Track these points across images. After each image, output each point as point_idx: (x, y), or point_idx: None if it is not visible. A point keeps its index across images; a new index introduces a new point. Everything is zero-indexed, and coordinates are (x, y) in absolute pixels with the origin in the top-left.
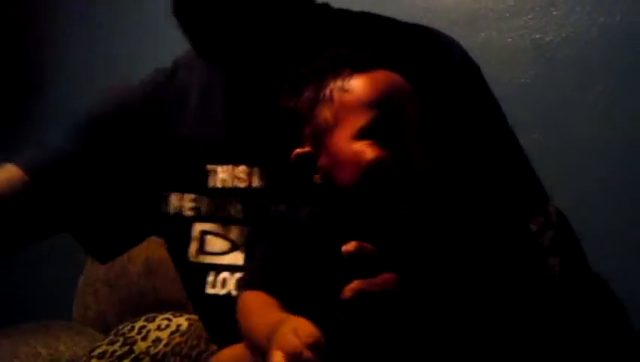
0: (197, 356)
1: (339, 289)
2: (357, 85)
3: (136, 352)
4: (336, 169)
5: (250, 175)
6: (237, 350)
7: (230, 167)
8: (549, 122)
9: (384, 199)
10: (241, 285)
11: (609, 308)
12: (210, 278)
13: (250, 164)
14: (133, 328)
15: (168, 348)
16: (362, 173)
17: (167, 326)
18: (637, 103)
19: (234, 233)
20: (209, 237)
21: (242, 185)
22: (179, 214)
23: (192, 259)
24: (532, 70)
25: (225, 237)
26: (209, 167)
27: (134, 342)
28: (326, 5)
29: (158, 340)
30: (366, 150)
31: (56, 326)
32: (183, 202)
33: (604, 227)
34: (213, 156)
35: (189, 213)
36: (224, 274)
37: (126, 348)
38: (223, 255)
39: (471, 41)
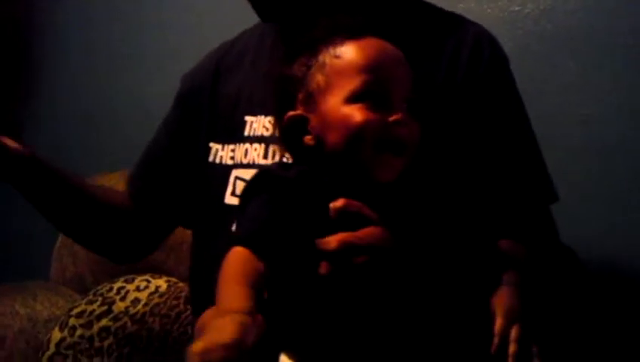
0: (176, 316)
1: (322, 243)
2: (348, 51)
3: (115, 312)
4: (327, 131)
5: (275, 125)
6: None
7: (262, 117)
8: (526, 95)
9: (371, 161)
10: (230, 239)
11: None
12: None
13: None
14: (111, 289)
15: (147, 308)
16: (351, 134)
17: (146, 287)
18: (614, 76)
19: None
20: (239, 182)
21: (267, 133)
22: (222, 163)
23: (226, 201)
24: (510, 42)
25: (245, 180)
26: (246, 118)
27: (113, 302)
28: None
29: (136, 300)
30: (355, 113)
31: (33, 286)
32: (225, 152)
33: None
34: (251, 108)
35: (230, 162)
36: None
37: (105, 308)
38: None
39: None
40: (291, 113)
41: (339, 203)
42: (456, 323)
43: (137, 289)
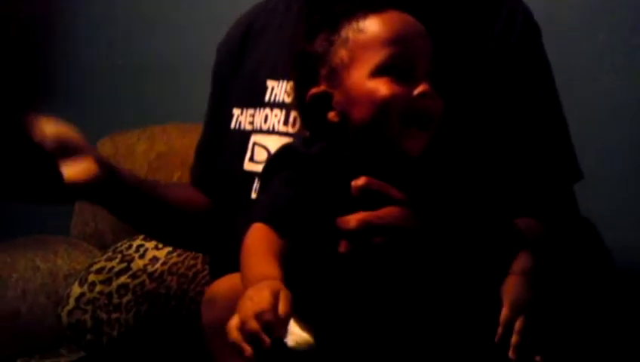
0: (193, 276)
1: (342, 221)
2: (371, 25)
3: (134, 269)
4: (352, 106)
5: (295, 102)
6: (235, 280)
7: (284, 82)
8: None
9: (397, 135)
10: (253, 216)
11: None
12: (255, 185)
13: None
14: (130, 246)
15: (165, 267)
16: (377, 108)
17: (166, 247)
18: None
19: (272, 143)
20: (257, 148)
21: (288, 99)
22: (241, 129)
23: (245, 168)
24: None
25: (265, 147)
26: (268, 82)
27: (132, 260)
28: None
29: (155, 259)
30: (381, 87)
31: (53, 241)
32: (244, 117)
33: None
34: (273, 73)
35: (249, 127)
36: None
37: (124, 265)
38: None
39: None
40: (315, 90)
41: (360, 181)
42: (468, 308)
43: (156, 247)
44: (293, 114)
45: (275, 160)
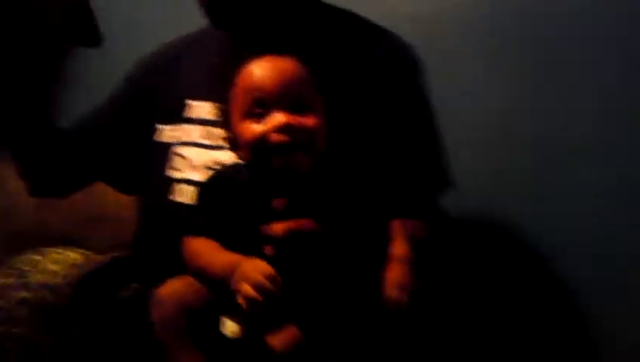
0: None
1: (269, 230)
2: (245, 72)
3: (33, 284)
4: (239, 146)
5: (214, 109)
6: (176, 285)
7: (203, 102)
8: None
9: (273, 163)
10: (186, 231)
11: None
12: (174, 187)
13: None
14: (25, 261)
15: (66, 281)
16: (248, 147)
17: (63, 260)
18: None
19: (192, 153)
20: (176, 158)
21: (208, 116)
22: (162, 141)
23: (166, 173)
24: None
25: (183, 156)
26: (187, 101)
27: (30, 275)
28: None
29: (54, 273)
30: (246, 130)
31: None
32: (167, 131)
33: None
34: (193, 93)
35: (169, 140)
36: (183, 186)
37: (22, 280)
38: (181, 171)
39: None
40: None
41: (280, 202)
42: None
43: (53, 261)
44: (210, 130)
45: (208, 185)
